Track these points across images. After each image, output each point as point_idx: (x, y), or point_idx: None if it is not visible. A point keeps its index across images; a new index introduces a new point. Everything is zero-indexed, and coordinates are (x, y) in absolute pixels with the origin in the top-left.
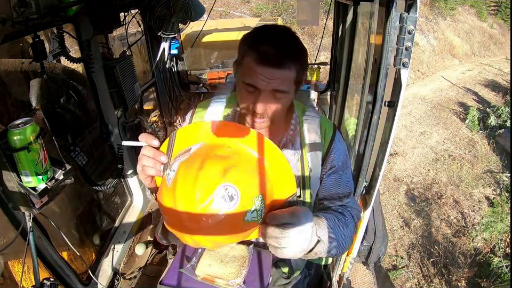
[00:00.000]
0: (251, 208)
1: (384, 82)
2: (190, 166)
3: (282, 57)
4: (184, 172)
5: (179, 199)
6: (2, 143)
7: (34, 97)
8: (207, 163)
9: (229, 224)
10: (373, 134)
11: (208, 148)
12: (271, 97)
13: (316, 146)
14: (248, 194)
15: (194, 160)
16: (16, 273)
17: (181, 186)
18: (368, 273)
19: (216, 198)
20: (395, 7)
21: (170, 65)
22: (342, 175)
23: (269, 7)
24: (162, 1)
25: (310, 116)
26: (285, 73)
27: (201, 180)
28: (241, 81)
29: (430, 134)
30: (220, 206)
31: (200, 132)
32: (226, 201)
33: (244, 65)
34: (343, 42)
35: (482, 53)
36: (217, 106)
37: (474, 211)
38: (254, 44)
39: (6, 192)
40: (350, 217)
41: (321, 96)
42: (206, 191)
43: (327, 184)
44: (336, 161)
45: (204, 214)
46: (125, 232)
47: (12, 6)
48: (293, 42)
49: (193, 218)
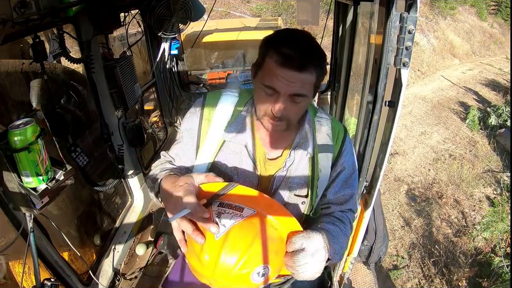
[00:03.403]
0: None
1: (385, 82)
2: (243, 234)
3: (304, 61)
4: (237, 235)
5: (224, 257)
6: (3, 143)
7: (35, 98)
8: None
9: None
10: (373, 133)
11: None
12: (290, 100)
13: (327, 148)
14: (274, 274)
15: (248, 231)
16: (17, 273)
17: (231, 248)
18: (369, 273)
19: (254, 273)
20: (395, 7)
21: (171, 66)
22: (350, 176)
23: (269, 7)
24: (162, 1)
25: (321, 118)
26: (306, 77)
27: (250, 256)
28: (260, 83)
29: (430, 134)
30: (254, 279)
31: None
32: (259, 276)
33: (265, 67)
34: (343, 42)
35: (483, 52)
36: (229, 102)
37: (475, 211)
38: (276, 46)
39: (6, 192)
40: (349, 223)
41: (322, 96)
42: (250, 265)
43: (335, 186)
44: (347, 163)
45: (236, 278)
46: (125, 233)
47: (12, 6)
48: (314, 46)
49: (225, 276)
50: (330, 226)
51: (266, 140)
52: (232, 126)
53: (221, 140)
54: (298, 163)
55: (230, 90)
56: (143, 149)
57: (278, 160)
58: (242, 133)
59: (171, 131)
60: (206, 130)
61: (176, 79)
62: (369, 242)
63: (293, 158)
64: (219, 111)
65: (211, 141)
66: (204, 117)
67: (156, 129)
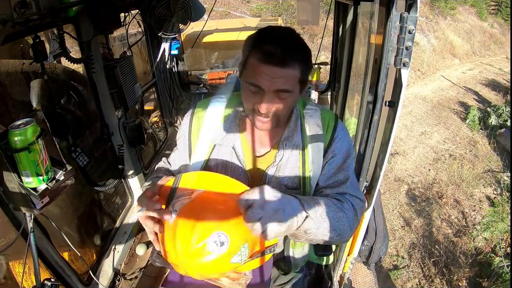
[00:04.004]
0: (237, 253)
1: (385, 82)
2: (191, 211)
3: (285, 56)
4: (185, 216)
5: (178, 239)
6: (3, 143)
7: (35, 98)
8: (205, 211)
9: (217, 263)
10: (374, 134)
11: (208, 197)
12: (275, 97)
13: (317, 137)
14: (236, 242)
15: (195, 206)
16: (17, 273)
17: (181, 228)
18: (369, 273)
19: (210, 243)
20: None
21: (171, 66)
22: (343, 162)
23: (269, 7)
24: (162, 1)
25: (310, 109)
26: (288, 72)
27: (198, 226)
28: (245, 81)
29: (430, 134)
30: (211, 249)
31: (203, 180)
32: (217, 245)
33: (248, 65)
34: (344, 42)
35: (483, 52)
36: (217, 106)
37: (475, 211)
38: (257, 44)
39: (6, 192)
40: (349, 204)
41: (322, 96)
42: (202, 235)
43: (327, 172)
44: (338, 149)
45: (197, 254)
46: (125, 233)
47: (12, 6)
48: (296, 41)
49: (188, 256)
50: (319, 197)
51: (256, 137)
52: (221, 130)
53: (211, 144)
54: (289, 157)
55: (219, 96)
56: (143, 149)
57: (267, 156)
58: (230, 134)
59: (171, 131)
60: (196, 137)
61: (176, 79)
62: (369, 242)
63: (282, 153)
64: (208, 117)
65: (202, 146)
66: (193, 125)
67: (156, 129)
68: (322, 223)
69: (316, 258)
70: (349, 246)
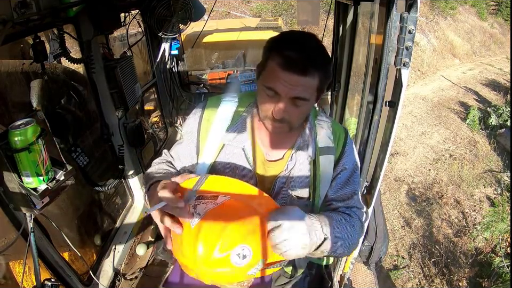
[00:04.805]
0: (255, 267)
1: (385, 82)
2: (216, 218)
3: (307, 64)
4: (211, 221)
5: (201, 245)
6: (3, 143)
7: (35, 98)
8: (230, 222)
9: (234, 275)
10: (374, 134)
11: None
12: (291, 104)
13: (328, 150)
14: (257, 257)
15: (221, 214)
16: (17, 273)
17: (205, 234)
18: (369, 273)
19: (233, 255)
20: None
21: (171, 66)
22: (351, 176)
23: (269, 7)
24: (162, 1)
25: (322, 120)
26: (308, 81)
27: (224, 236)
28: (262, 84)
29: (430, 134)
30: (233, 260)
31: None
32: (240, 258)
33: (267, 69)
34: (344, 42)
35: (483, 52)
36: (229, 106)
37: (475, 211)
38: (279, 48)
39: (7, 192)
40: (357, 218)
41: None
42: (227, 246)
43: (336, 185)
44: (348, 163)
45: (217, 263)
46: (125, 233)
47: (13, 6)
48: (318, 49)
49: (207, 263)
50: (332, 214)
51: (267, 141)
52: (231, 129)
53: (220, 143)
54: (300, 166)
55: (230, 95)
56: (144, 149)
57: (279, 162)
58: (241, 135)
59: (171, 131)
60: (205, 134)
61: (177, 79)
62: (369, 243)
63: (295, 161)
64: (219, 116)
65: (211, 144)
66: (203, 121)
67: (156, 129)
68: (336, 242)
69: (316, 258)
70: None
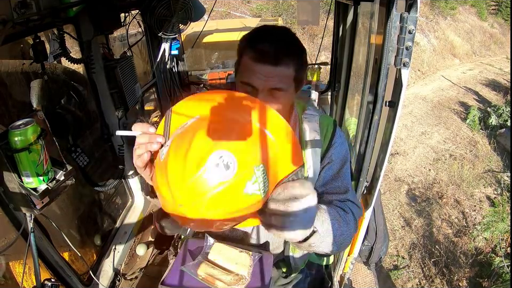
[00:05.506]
0: (251, 179)
1: (385, 82)
2: (182, 138)
3: (279, 55)
4: (176, 144)
5: (171, 174)
6: (3, 143)
7: (35, 98)
8: (199, 132)
9: (227, 197)
10: (374, 134)
11: (204, 119)
12: (269, 96)
13: (315, 143)
14: (247, 163)
15: (187, 132)
16: (17, 273)
17: (172, 159)
18: (369, 273)
19: (210, 167)
20: (395, 7)
21: (171, 66)
22: (340, 169)
23: (269, 7)
24: (162, 2)
25: (309, 114)
26: (282, 71)
27: (192, 150)
28: (239, 80)
29: (430, 134)
30: (214, 175)
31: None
32: (221, 169)
33: (242, 65)
34: (344, 42)
35: (483, 52)
36: None
37: (475, 211)
38: (250, 43)
39: (7, 193)
40: (351, 215)
41: (322, 96)
42: (198, 160)
43: (323, 178)
44: (335, 156)
45: (197, 186)
46: (126, 233)
47: (13, 7)
48: (290, 40)
49: (187, 192)
50: (328, 207)
51: None
52: None
53: None
54: None
55: None
56: None
57: None
58: None
59: None
60: None
61: (177, 79)
62: (369, 243)
63: None
64: None
65: None
66: None
67: None
68: (326, 238)
69: (316, 258)
70: (349, 247)
